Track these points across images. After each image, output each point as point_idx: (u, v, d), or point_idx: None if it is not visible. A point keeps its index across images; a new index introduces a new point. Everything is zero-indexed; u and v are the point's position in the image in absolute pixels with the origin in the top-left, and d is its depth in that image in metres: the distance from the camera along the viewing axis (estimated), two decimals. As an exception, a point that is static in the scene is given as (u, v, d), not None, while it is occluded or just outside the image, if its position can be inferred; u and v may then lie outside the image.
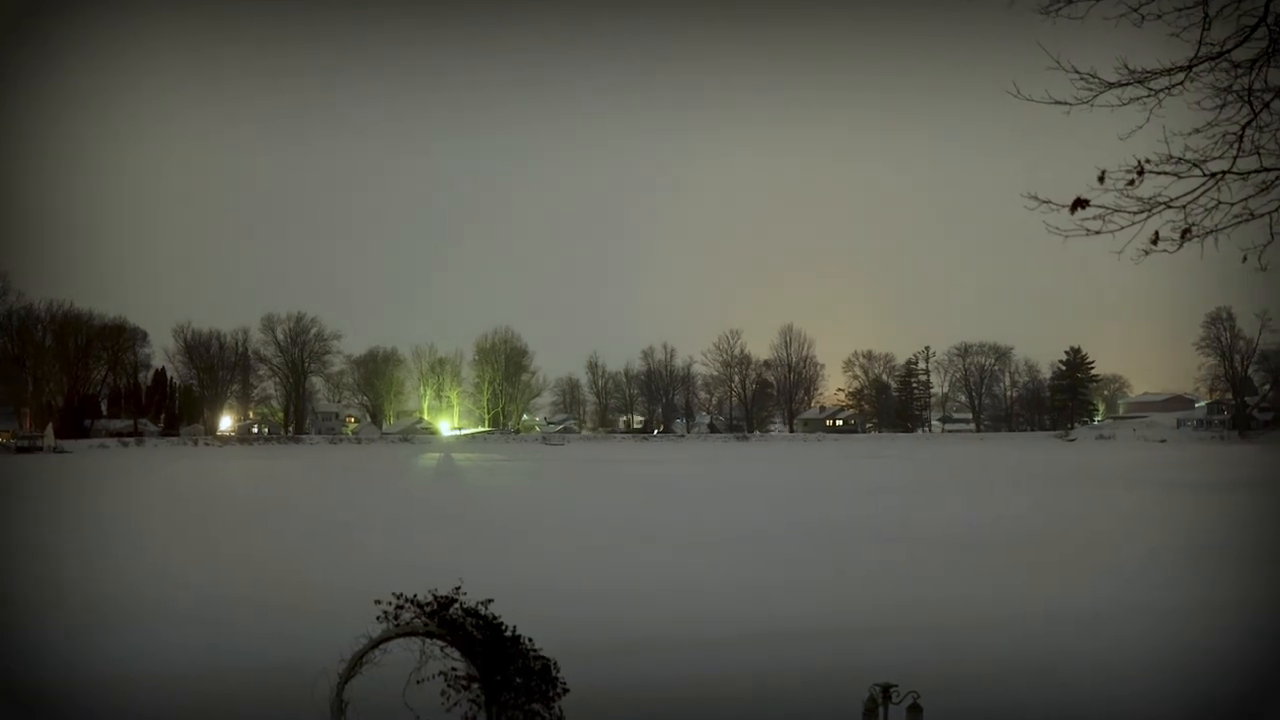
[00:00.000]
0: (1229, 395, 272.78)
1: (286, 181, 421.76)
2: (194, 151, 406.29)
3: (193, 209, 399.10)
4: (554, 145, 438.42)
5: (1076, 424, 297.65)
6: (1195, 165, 10.93)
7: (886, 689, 20.67)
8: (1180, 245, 11.13)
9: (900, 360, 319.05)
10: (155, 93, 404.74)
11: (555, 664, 17.44)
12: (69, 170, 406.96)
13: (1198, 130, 10.96)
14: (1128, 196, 10.92)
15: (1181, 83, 10.96)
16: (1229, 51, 10.75)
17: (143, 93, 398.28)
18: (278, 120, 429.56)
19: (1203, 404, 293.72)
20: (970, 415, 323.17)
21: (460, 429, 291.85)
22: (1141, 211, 10.97)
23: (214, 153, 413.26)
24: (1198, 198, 10.96)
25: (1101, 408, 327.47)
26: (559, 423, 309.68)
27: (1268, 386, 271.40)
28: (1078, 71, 11.08)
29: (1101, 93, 11.09)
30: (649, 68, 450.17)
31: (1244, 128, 10.87)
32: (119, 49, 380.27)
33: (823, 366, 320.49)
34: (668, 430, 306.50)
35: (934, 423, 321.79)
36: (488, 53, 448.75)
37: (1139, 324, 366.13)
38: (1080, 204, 10.99)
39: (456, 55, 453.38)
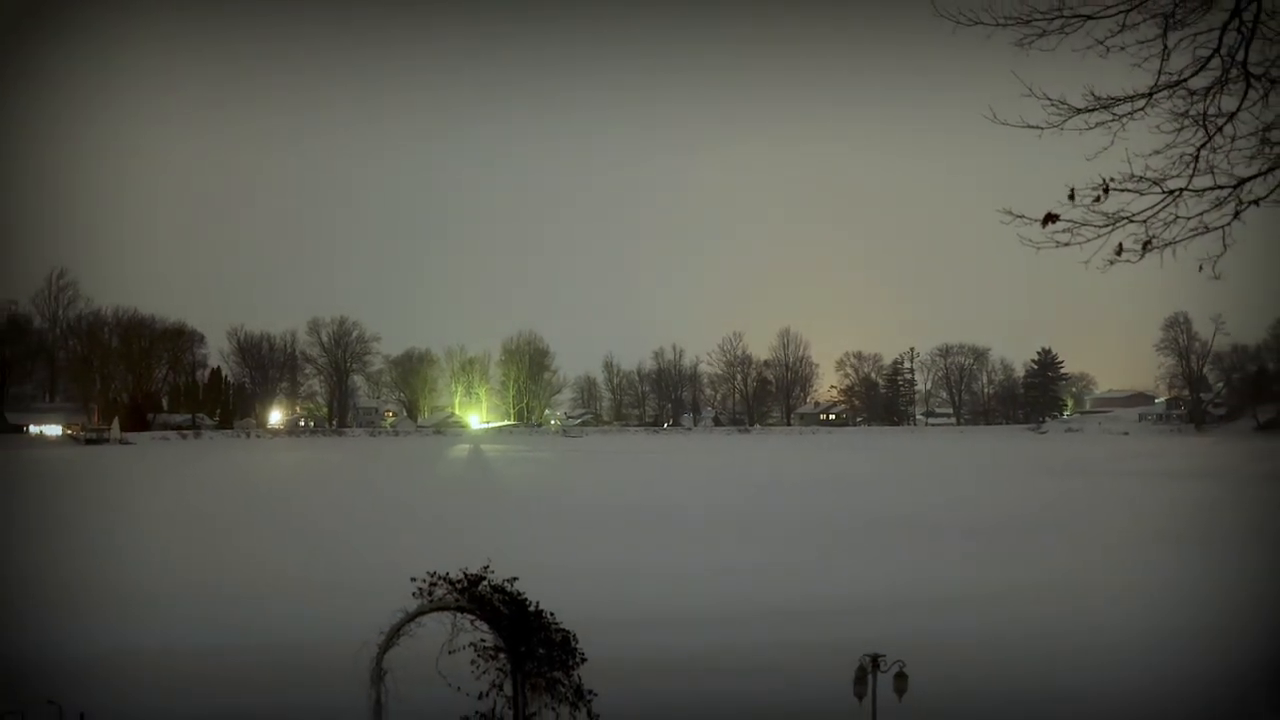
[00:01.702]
0: (1186, 392, 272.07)
1: (321, 189, 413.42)
2: (223, 155, 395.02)
3: (236, 215, 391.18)
4: (574, 160, 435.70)
5: (1047, 418, 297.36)
6: (1155, 183, 10.95)
7: (875, 659, 20.67)
8: (1142, 256, 11.14)
9: (887, 360, 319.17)
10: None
11: (574, 636, 17.47)
12: (113, 172, 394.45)
13: (1157, 151, 10.99)
14: (1094, 212, 10.94)
15: (1143, 108, 10.99)
16: (1186, 80, 10.79)
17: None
18: (303, 126, 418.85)
19: (1162, 400, 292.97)
20: (951, 410, 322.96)
21: (488, 423, 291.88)
22: (1106, 225, 10.99)
23: (239, 156, 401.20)
24: (1158, 213, 10.99)
25: (1070, 403, 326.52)
26: (578, 417, 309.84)
27: (1221, 384, 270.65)
28: (1049, 98, 11.12)
29: (1070, 117, 11.13)
30: (664, 85, 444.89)
31: (1199, 149, 10.90)
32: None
33: (817, 366, 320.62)
34: (676, 424, 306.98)
35: (918, 417, 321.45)
36: (502, 60, 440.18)
37: (1104, 327, 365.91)
38: (1051, 218, 11.02)
39: (471, 57, 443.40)
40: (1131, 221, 10.99)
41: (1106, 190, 10.80)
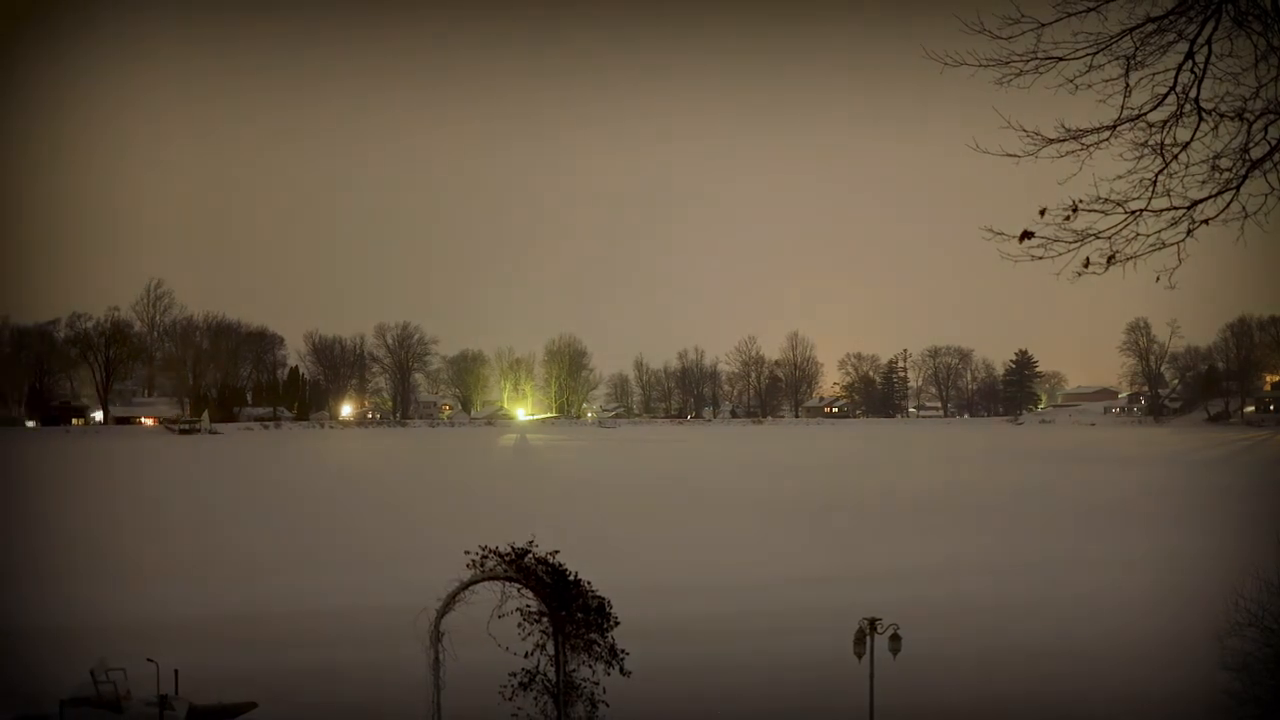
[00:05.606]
0: (1145, 388, 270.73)
1: (378, 203, 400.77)
2: (278, 169, 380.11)
3: (298, 228, 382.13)
4: (614, 182, 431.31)
5: (1024, 411, 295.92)
6: (1118, 205, 10.91)
7: (873, 622, 20.66)
8: (1106, 268, 11.10)
9: (883, 360, 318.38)
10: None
11: (609, 602, 17.54)
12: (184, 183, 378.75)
13: (1120, 177, 10.95)
14: (1064, 229, 10.90)
15: (1108, 139, 10.96)
16: (1145, 114, 10.76)
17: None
18: (352, 140, 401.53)
19: (1124, 395, 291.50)
20: (939, 404, 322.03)
21: (533, 415, 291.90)
22: (1075, 242, 10.95)
23: (294, 171, 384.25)
24: (1120, 230, 10.95)
25: (1043, 398, 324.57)
26: (611, 410, 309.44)
27: (1176, 381, 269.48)
28: (1025, 130, 11.09)
29: (1044, 147, 11.10)
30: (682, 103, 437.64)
31: (1157, 175, 10.87)
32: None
33: (821, 365, 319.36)
34: (698, 416, 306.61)
35: (911, 410, 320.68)
36: (538, 72, 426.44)
37: (1073, 331, 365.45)
38: (1026, 235, 10.98)
39: (505, 69, 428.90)
40: (1097, 238, 10.96)
41: (1075, 210, 10.77)
